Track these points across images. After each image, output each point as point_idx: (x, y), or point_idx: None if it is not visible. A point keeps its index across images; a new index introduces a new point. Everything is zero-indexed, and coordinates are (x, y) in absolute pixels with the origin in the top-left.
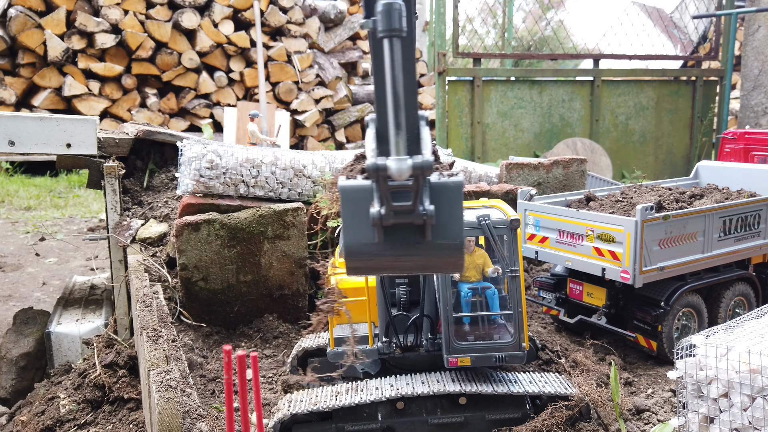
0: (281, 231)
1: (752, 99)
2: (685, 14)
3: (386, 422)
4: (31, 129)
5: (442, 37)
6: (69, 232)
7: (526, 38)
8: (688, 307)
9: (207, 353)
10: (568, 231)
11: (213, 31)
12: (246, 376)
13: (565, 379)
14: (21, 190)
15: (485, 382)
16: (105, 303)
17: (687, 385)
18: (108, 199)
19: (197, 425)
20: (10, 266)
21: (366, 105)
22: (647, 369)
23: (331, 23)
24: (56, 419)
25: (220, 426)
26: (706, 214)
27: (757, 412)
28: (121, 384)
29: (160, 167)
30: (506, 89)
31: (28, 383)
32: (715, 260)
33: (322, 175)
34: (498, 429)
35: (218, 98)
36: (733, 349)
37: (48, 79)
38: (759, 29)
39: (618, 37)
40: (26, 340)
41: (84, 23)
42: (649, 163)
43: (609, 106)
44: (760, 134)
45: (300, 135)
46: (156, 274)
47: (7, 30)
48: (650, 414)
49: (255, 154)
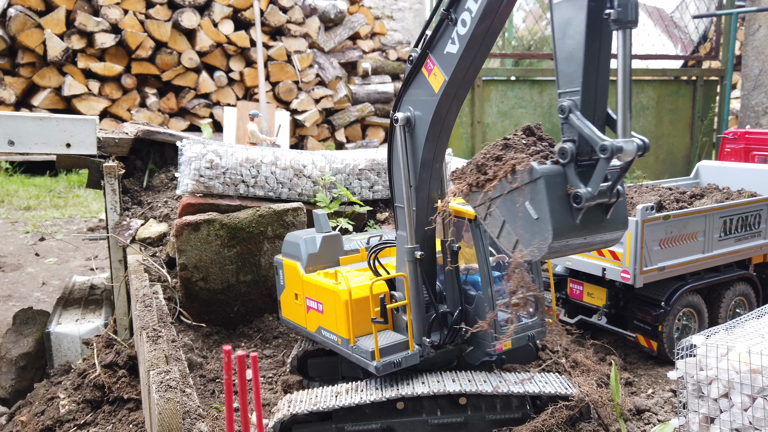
0: (281, 231)
1: (753, 99)
2: (685, 14)
3: (386, 422)
4: (31, 129)
5: None
6: (69, 232)
7: (526, 38)
8: (688, 307)
9: (207, 353)
10: None
11: (213, 31)
12: (246, 376)
13: (565, 379)
14: (21, 190)
15: (485, 382)
16: (105, 303)
17: (687, 385)
18: (108, 199)
19: (197, 425)
20: (9, 266)
21: (366, 105)
22: (647, 369)
23: (331, 23)
24: (56, 419)
25: (220, 426)
26: (706, 214)
27: (757, 412)
28: (121, 384)
29: (160, 167)
30: (506, 89)
31: (27, 383)
32: (716, 260)
33: (322, 175)
34: (498, 429)
35: (218, 98)
36: (733, 349)
37: (48, 78)
38: (759, 29)
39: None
40: (26, 340)
41: (84, 23)
42: (649, 163)
43: (609, 106)
44: (760, 134)
45: (300, 135)
46: (156, 274)
47: (6, 30)
48: (651, 414)
49: (255, 153)
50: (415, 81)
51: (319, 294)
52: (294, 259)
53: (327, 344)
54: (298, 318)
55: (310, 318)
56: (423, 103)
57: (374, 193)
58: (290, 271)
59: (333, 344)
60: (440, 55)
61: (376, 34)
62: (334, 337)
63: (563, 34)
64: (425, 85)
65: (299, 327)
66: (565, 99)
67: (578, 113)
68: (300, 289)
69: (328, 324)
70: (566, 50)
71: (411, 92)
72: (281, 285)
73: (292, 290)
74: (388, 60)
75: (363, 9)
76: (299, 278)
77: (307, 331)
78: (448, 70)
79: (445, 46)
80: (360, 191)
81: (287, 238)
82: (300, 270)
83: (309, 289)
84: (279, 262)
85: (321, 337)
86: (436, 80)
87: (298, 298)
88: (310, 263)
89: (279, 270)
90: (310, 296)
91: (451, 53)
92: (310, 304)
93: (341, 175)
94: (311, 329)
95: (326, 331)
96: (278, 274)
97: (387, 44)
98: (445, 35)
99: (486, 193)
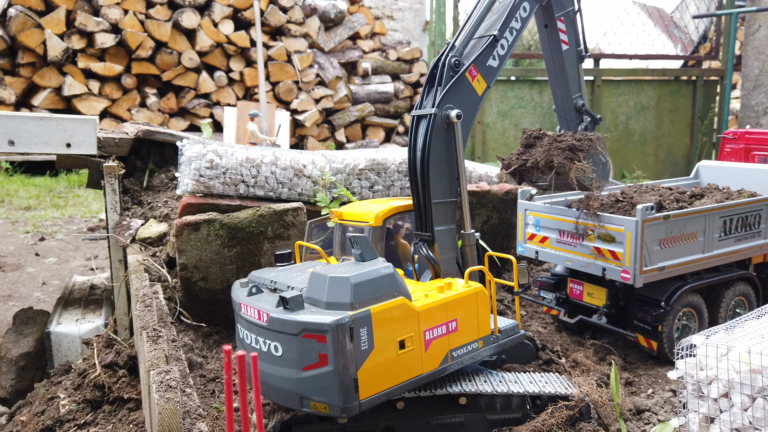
0: (281, 231)
1: (753, 99)
2: (685, 14)
3: (386, 422)
4: (31, 129)
5: (442, 37)
6: (69, 232)
7: (526, 38)
8: (688, 307)
9: (207, 353)
10: (568, 231)
11: (213, 31)
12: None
13: (565, 379)
14: (21, 190)
15: (485, 382)
16: (105, 303)
17: (687, 385)
18: (108, 199)
19: (197, 425)
20: (10, 266)
21: (366, 105)
22: (647, 369)
23: (331, 23)
24: (56, 419)
25: (220, 426)
26: (706, 214)
27: (757, 412)
28: (121, 384)
29: (160, 167)
30: (506, 89)
31: (27, 383)
32: (716, 260)
33: (322, 175)
34: (498, 429)
35: (218, 98)
36: (733, 349)
37: (48, 78)
38: (759, 29)
39: (618, 36)
40: (26, 340)
41: (84, 23)
42: (649, 162)
43: (609, 106)
44: (760, 134)
45: (300, 135)
46: (156, 274)
47: (7, 30)
48: (650, 414)
49: (255, 153)
50: (457, 85)
51: (451, 310)
52: (390, 298)
53: (457, 365)
54: (404, 372)
55: (432, 353)
56: (467, 104)
57: (374, 193)
58: (394, 315)
59: (471, 355)
60: (483, 66)
61: (376, 34)
62: (473, 346)
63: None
64: (469, 90)
65: (405, 384)
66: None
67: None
68: (413, 328)
69: (464, 337)
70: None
71: (452, 94)
72: (364, 350)
73: (393, 342)
74: (388, 60)
75: (363, 9)
76: (413, 314)
77: (419, 379)
78: (489, 79)
79: (488, 59)
80: (360, 191)
81: (353, 285)
82: (412, 304)
83: (432, 317)
84: (360, 318)
85: (450, 363)
86: (479, 86)
87: (407, 344)
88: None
89: (360, 330)
90: (433, 324)
91: (492, 66)
92: (431, 336)
93: (341, 175)
94: (432, 367)
95: (462, 348)
96: (354, 339)
97: (387, 44)
98: (490, 51)
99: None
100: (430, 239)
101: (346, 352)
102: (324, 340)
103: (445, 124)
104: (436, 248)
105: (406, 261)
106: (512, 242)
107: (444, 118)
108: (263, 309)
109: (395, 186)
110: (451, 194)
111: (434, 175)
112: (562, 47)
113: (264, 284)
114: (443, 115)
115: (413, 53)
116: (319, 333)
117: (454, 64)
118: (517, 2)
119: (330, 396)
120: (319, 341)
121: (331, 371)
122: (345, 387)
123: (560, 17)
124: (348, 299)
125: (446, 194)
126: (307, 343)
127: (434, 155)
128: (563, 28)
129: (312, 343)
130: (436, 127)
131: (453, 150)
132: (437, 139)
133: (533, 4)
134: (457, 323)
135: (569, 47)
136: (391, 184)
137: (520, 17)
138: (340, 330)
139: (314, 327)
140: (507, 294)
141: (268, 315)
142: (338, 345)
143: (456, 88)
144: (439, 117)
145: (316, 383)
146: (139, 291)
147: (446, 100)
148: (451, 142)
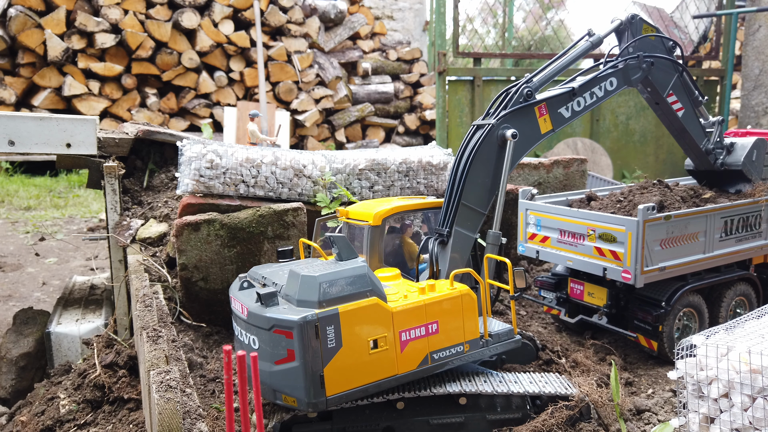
0: (281, 231)
1: (753, 99)
2: (685, 14)
3: (386, 422)
4: (31, 129)
5: (442, 37)
6: (69, 232)
7: (526, 38)
8: (689, 307)
9: (207, 353)
10: (569, 231)
11: (213, 31)
12: (246, 376)
13: (565, 379)
14: (21, 190)
15: (485, 382)
16: (105, 303)
17: (687, 385)
18: (108, 199)
19: (197, 425)
20: (10, 266)
21: (366, 105)
22: (648, 369)
23: (331, 23)
24: (56, 419)
25: (220, 426)
26: (707, 215)
27: (757, 413)
28: (121, 384)
29: (160, 167)
30: None
31: (27, 383)
32: (717, 260)
33: (322, 175)
34: (498, 429)
35: (218, 98)
36: (733, 349)
37: (48, 78)
38: (759, 29)
39: None
40: (26, 340)
41: (84, 23)
42: (649, 162)
43: (609, 106)
44: (760, 134)
45: (300, 135)
46: (156, 274)
47: (7, 30)
48: (651, 414)
49: (255, 154)
50: (525, 113)
51: (432, 312)
52: (361, 298)
53: (442, 367)
54: (377, 371)
55: (409, 355)
56: (527, 133)
57: (374, 193)
58: (365, 315)
59: (456, 358)
60: (554, 111)
61: (376, 34)
62: (457, 349)
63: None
64: (533, 123)
65: (378, 383)
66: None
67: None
68: (386, 329)
69: (447, 340)
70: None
71: (515, 118)
72: (331, 347)
73: (363, 341)
74: (388, 60)
75: (363, 9)
76: (386, 315)
77: (393, 379)
78: (557, 124)
79: (560, 107)
80: (360, 191)
81: (320, 284)
82: (386, 305)
83: (409, 318)
84: (327, 317)
85: (430, 365)
86: (545, 125)
87: (380, 344)
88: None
89: (326, 328)
90: (410, 326)
91: (563, 116)
92: (408, 337)
93: (341, 175)
94: (410, 368)
95: (444, 350)
96: (320, 336)
97: (387, 44)
98: (565, 101)
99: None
100: (445, 237)
101: (311, 349)
102: (291, 336)
103: (500, 141)
104: (448, 247)
105: (411, 261)
106: (513, 242)
107: (500, 134)
108: (245, 303)
109: (395, 186)
110: (482, 205)
111: (472, 180)
112: (678, 114)
113: (257, 279)
114: (499, 133)
115: (413, 53)
116: (286, 329)
117: (527, 94)
118: (604, 75)
119: (297, 391)
120: (287, 337)
121: (297, 366)
122: (311, 383)
123: (669, 92)
124: (316, 297)
125: (478, 202)
126: (277, 339)
127: (478, 161)
128: (674, 98)
129: (281, 338)
130: (489, 137)
131: (500, 166)
132: (487, 148)
133: (621, 84)
134: (438, 325)
135: (685, 109)
136: (391, 184)
137: (605, 88)
138: (306, 327)
139: (283, 323)
140: (506, 294)
141: (248, 309)
142: (304, 342)
143: (521, 114)
144: (495, 131)
145: (285, 378)
146: (139, 291)
147: (508, 119)
148: (500, 158)
